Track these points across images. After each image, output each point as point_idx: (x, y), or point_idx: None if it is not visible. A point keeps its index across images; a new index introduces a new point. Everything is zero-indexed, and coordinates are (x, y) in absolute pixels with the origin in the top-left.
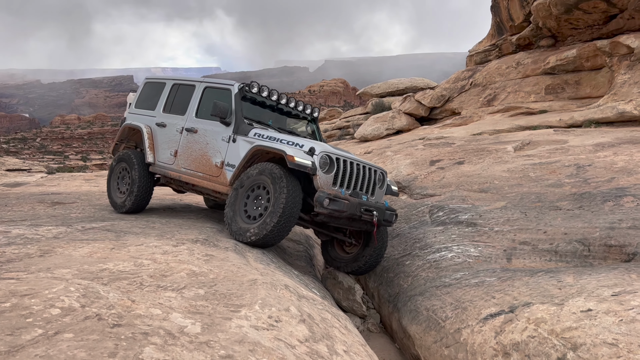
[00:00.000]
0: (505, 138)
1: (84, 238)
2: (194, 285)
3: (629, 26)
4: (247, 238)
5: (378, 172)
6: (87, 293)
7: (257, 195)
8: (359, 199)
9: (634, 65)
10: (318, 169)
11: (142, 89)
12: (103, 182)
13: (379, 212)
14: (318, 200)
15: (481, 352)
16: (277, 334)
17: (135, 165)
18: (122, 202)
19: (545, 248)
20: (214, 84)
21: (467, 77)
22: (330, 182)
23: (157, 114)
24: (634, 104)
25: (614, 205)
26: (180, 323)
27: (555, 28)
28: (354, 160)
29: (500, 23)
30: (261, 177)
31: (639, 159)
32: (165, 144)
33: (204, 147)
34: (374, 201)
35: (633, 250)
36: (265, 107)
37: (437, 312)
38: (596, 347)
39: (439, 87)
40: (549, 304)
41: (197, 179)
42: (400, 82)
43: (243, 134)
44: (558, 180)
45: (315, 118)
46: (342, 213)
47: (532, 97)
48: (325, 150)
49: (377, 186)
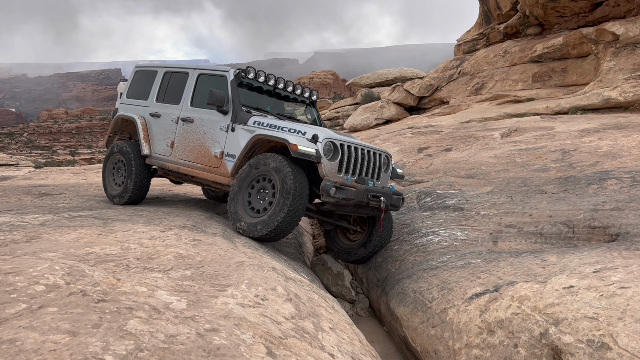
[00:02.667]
0: (493, 125)
1: (70, 225)
2: (181, 267)
3: (614, 13)
4: (258, 232)
5: (383, 155)
6: (72, 271)
7: (261, 188)
8: (365, 185)
9: (619, 52)
10: (322, 156)
11: (132, 77)
12: (92, 175)
13: (386, 197)
14: (324, 189)
15: (467, 330)
16: (263, 311)
17: (131, 156)
18: (118, 194)
19: (530, 230)
20: (208, 71)
21: (456, 66)
22: (336, 169)
23: (151, 104)
24: (619, 91)
25: (598, 188)
26: (166, 300)
27: (542, 16)
28: (358, 145)
29: (487, 12)
30: (264, 168)
31: (623, 143)
32: (160, 135)
33: (201, 137)
34: (380, 186)
35: (616, 231)
36: (262, 93)
37: (423, 293)
38: (577, 321)
39: (428, 77)
40: (532, 282)
41: (197, 170)
42: (389, 73)
43: (242, 123)
44: (544, 165)
45: (314, 101)
46: (349, 201)
47: (520, 85)
48: (328, 136)
49: (382, 170)
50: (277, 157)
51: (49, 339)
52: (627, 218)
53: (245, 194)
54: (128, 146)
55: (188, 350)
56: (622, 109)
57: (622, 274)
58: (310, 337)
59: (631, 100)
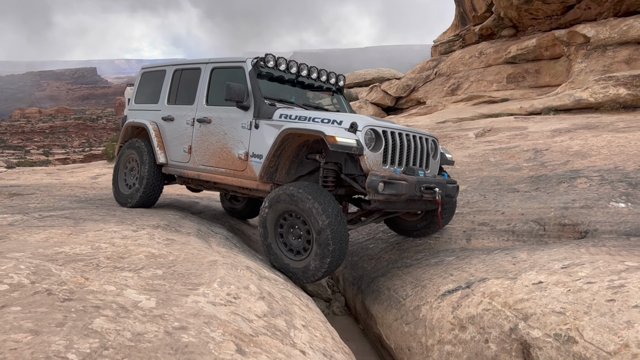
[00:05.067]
0: (468, 125)
1: (40, 225)
2: (152, 266)
3: (585, 16)
4: (312, 277)
5: (430, 140)
6: (37, 271)
7: (292, 225)
8: (416, 177)
9: (590, 54)
10: (364, 147)
11: (139, 80)
12: (65, 175)
13: (441, 187)
14: (371, 185)
15: (439, 327)
16: (235, 309)
17: (146, 157)
18: (129, 195)
19: (503, 228)
20: (223, 63)
21: (432, 67)
22: (380, 161)
23: (162, 107)
24: (590, 92)
25: (569, 187)
26: (135, 298)
27: (516, 18)
28: (402, 131)
29: (463, 13)
30: (286, 206)
31: (593, 143)
32: (176, 140)
33: (222, 139)
34: (430, 175)
35: (585, 228)
36: (284, 83)
37: (397, 290)
38: (545, 316)
39: (405, 77)
40: (503, 278)
41: (219, 175)
42: (367, 73)
43: (266, 118)
44: (517, 164)
45: (341, 88)
46: (400, 197)
47: (494, 86)
48: (369, 123)
49: (430, 157)
50: (294, 190)
51: (10, 337)
52: (596, 215)
53: (276, 235)
54: (144, 145)
55: (155, 348)
56: (593, 110)
57: (589, 269)
58: (282, 335)
59: (601, 101)
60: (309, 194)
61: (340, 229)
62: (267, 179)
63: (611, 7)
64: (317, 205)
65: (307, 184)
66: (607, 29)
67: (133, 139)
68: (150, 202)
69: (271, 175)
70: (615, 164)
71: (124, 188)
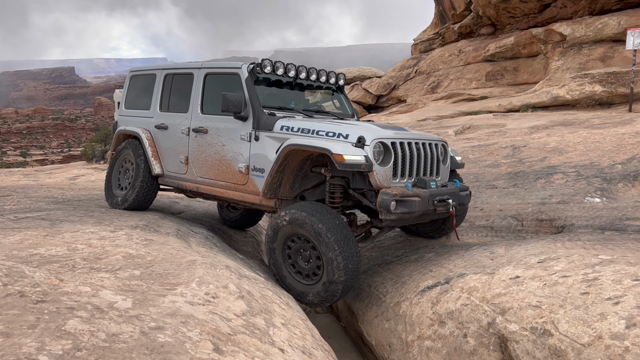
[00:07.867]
0: (448, 123)
1: (15, 227)
2: (130, 266)
3: (562, 14)
4: (329, 301)
5: (439, 145)
6: (10, 273)
7: (299, 249)
8: (429, 190)
9: (567, 52)
10: (374, 163)
11: (128, 84)
12: (43, 176)
13: (454, 197)
14: (383, 205)
15: (419, 322)
16: (213, 309)
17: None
18: (122, 198)
19: (481, 224)
20: (217, 69)
21: (412, 65)
22: (390, 175)
23: (154, 114)
24: (567, 89)
25: (546, 183)
26: (111, 299)
27: (495, 16)
28: (411, 139)
29: (443, 12)
30: (294, 229)
31: (569, 139)
32: (171, 150)
33: (220, 150)
34: (441, 182)
35: (562, 223)
36: (282, 87)
37: (378, 287)
38: (522, 309)
39: (386, 76)
40: (481, 273)
41: (220, 189)
42: (348, 72)
43: (266, 129)
44: (495, 161)
45: (341, 87)
46: (413, 214)
47: (474, 84)
48: (377, 136)
49: (440, 163)
50: (307, 217)
51: None
52: (572, 211)
53: (285, 260)
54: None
55: (130, 349)
56: (570, 107)
57: (564, 263)
58: (260, 333)
59: (577, 98)
60: (329, 227)
61: (353, 262)
62: (271, 195)
63: (587, 6)
64: (331, 236)
65: (313, 210)
66: (583, 27)
67: (128, 140)
68: (147, 203)
69: (275, 191)
70: (591, 159)
71: (116, 190)
